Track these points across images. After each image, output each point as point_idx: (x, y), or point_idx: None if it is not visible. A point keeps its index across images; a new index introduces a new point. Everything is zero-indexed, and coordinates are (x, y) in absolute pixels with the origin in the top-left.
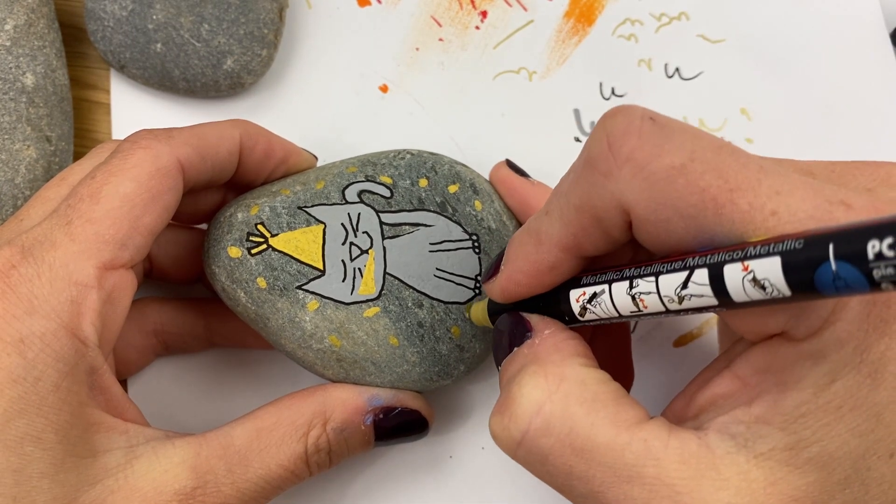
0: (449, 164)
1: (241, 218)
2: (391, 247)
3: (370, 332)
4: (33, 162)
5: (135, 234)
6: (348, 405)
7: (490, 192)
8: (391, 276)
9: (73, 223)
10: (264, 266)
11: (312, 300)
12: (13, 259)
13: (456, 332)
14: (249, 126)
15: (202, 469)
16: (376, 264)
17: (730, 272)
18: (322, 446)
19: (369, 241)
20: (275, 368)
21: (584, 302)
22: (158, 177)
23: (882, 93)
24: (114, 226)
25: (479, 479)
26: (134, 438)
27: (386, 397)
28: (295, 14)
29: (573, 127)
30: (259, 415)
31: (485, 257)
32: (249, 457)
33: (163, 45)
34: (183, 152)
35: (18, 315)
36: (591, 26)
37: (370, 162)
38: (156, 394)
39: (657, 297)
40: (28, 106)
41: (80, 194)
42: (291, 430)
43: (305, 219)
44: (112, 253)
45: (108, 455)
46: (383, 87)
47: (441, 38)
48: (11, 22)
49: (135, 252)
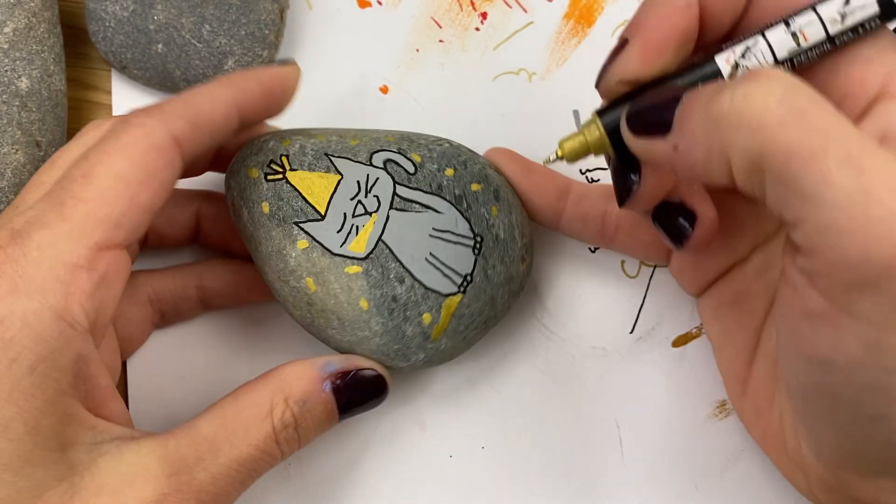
0: (482, 165)
1: (272, 146)
2: (395, 217)
3: (345, 287)
4: (20, 166)
5: (130, 213)
6: (304, 377)
7: (511, 205)
8: (384, 244)
9: (66, 204)
10: (273, 193)
11: (303, 239)
12: (1, 241)
13: (426, 319)
14: (238, 79)
15: (172, 458)
16: (374, 227)
17: None
18: (288, 421)
19: (377, 204)
20: (273, 339)
21: (737, 58)
22: (153, 153)
23: None
24: (107, 205)
25: (479, 479)
26: (100, 435)
27: (338, 361)
28: (295, 15)
29: (573, 127)
30: (220, 405)
31: (481, 260)
32: (217, 443)
33: (164, 46)
34: (177, 126)
35: (0, 295)
36: (590, 27)
37: (409, 138)
38: (155, 377)
39: (819, 25)
40: (20, 110)
41: (73, 175)
42: (255, 412)
43: (326, 166)
44: (106, 233)
45: (73, 450)
46: (383, 88)
47: (441, 40)
48: (11, 25)
49: (130, 231)
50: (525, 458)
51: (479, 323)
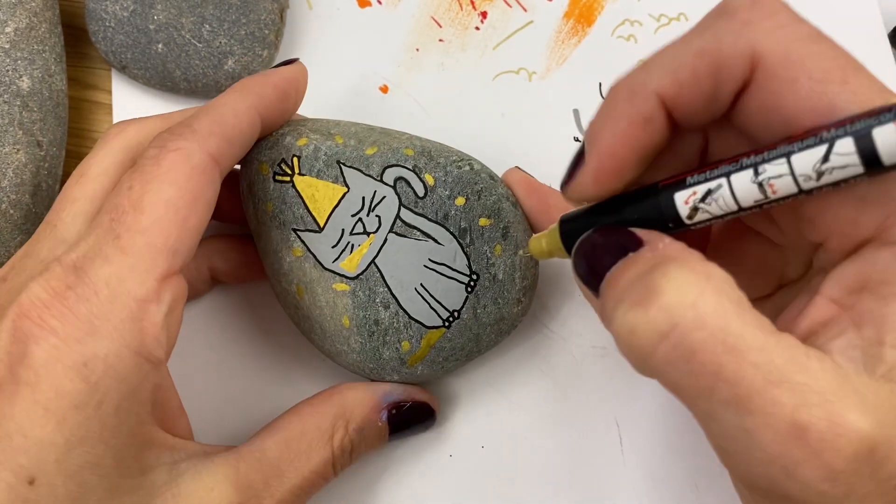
0: (497, 197)
1: (287, 142)
2: (393, 242)
3: (330, 302)
4: (21, 166)
5: (185, 238)
6: (365, 404)
7: (518, 243)
8: (376, 267)
9: (122, 237)
10: (278, 195)
11: (298, 247)
12: (67, 280)
13: (405, 347)
14: (255, 85)
15: (243, 485)
16: (370, 249)
17: (882, 136)
18: (346, 447)
19: (377, 225)
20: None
21: (695, 202)
22: (195, 176)
23: None
24: (163, 234)
25: (478, 478)
26: (177, 454)
27: (397, 393)
28: (295, 15)
29: (573, 127)
30: (284, 424)
31: (472, 299)
32: (282, 467)
33: (164, 46)
34: (212, 144)
35: (80, 338)
36: (590, 27)
37: (429, 153)
38: None
39: (790, 179)
40: (21, 110)
41: (122, 206)
42: (318, 436)
43: (336, 175)
44: (167, 262)
45: (154, 473)
46: (383, 88)
47: (441, 39)
48: (13, 25)
49: (186, 256)
50: (525, 458)
51: (460, 356)
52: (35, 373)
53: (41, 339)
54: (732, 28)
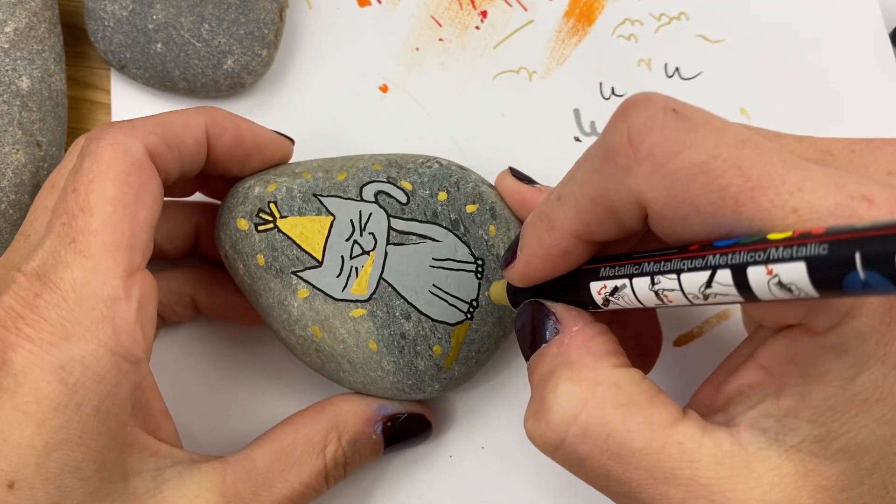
0: (474, 183)
1: (257, 192)
2: (393, 253)
3: (352, 331)
4: (21, 166)
5: (137, 232)
6: (359, 416)
7: (508, 219)
8: (386, 282)
9: (77, 240)
10: (266, 244)
11: (304, 288)
12: (34, 288)
13: (437, 351)
14: (216, 112)
15: (230, 494)
16: (374, 267)
17: (754, 275)
18: (339, 460)
19: (373, 242)
20: (266, 347)
21: (606, 294)
22: (136, 171)
23: (881, 93)
24: (115, 232)
25: (478, 479)
26: (162, 461)
27: (392, 405)
28: (295, 14)
29: (573, 127)
30: (276, 436)
31: (485, 283)
32: (272, 478)
33: (163, 45)
34: (150, 141)
35: (55, 342)
36: (590, 26)
37: (397, 164)
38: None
39: (681, 294)
40: (21, 110)
41: (71, 210)
42: (309, 448)
43: (317, 207)
44: (126, 259)
45: (137, 478)
46: (383, 87)
47: (441, 39)
48: (12, 24)
49: (144, 250)
50: (525, 458)
51: (489, 344)
52: (14, 378)
53: (18, 347)
54: (615, 175)
